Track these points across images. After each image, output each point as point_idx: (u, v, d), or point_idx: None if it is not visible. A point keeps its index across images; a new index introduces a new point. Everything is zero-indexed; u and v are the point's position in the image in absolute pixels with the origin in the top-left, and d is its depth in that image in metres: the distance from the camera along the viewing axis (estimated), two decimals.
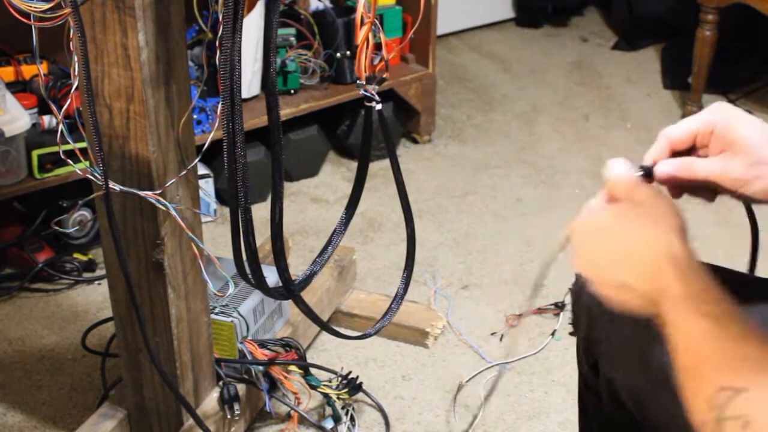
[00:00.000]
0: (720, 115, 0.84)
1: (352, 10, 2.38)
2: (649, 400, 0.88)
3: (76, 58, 1.10)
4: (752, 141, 0.81)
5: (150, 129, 1.15)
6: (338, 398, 1.57)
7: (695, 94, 2.70)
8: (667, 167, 0.83)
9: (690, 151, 0.86)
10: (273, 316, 1.64)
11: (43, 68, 1.99)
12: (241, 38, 1.04)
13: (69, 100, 1.11)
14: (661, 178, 0.84)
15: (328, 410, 1.59)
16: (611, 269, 0.73)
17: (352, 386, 1.57)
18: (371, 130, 1.21)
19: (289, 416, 1.57)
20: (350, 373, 1.60)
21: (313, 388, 1.56)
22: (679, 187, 0.85)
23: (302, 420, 1.58)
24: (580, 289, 0.99)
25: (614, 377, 0.95)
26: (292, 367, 1.54)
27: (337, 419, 1.58)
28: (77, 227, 2.04)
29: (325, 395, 1.58)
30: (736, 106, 0.86)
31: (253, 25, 2.08)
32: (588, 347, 0.99)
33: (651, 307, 0.70)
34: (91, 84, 1.09)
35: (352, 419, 1.59)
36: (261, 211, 2.08)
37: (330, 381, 1.59)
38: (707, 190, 0.85)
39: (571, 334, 0.93)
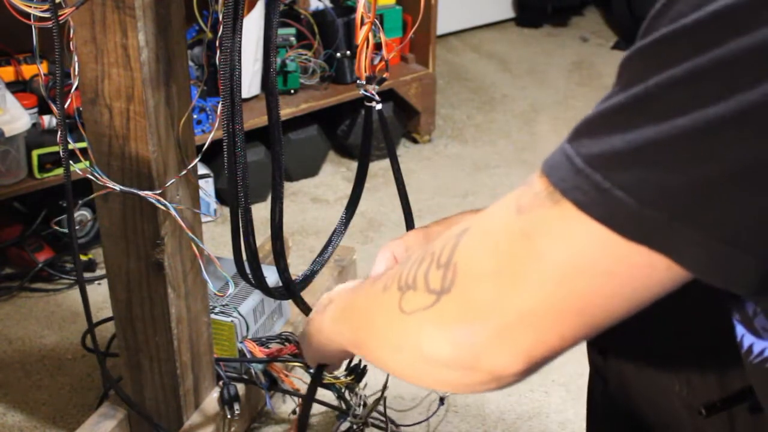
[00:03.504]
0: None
1: (352, 10, 2.38)
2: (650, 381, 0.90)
3: (76, 58, 1.10)
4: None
5: (150, 129, 1.15)
6: (345, 387, 1.56)
7: None
8: None
9: None
10: (273, 316, 1.64)
11: (43, 68, 1.98)
12: (241, 38, 1.04)
13: (69, 100, 1.11)
14: None
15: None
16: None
17: (358, 372, 1.56)
18: (371, 130, 1.21)
19: (294, 412, 1.57)
20: (352, 359, 1.58)
21: None
22: None
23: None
24: None
25: (622, 362, 0.96)
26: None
27: (348, 407, 1.57)
28: (77, 227, 2.04)
29: (332, 386, 1.56)
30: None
31: (253, 25, 2.08)
32: (596, 337, 1.00)
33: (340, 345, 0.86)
34: (62, 73, 1.09)
35: (364, 405, 1.58)
36: (261, 211, 2.08)
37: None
38: None
39: None
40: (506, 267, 0.57)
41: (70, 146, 1.11)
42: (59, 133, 1.11)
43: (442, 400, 1.62)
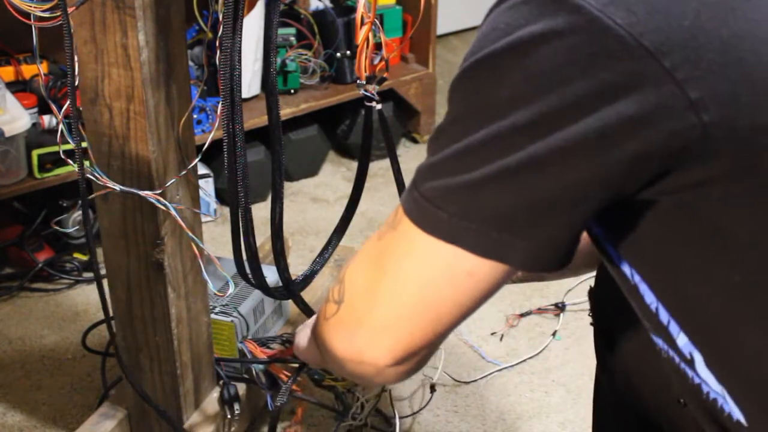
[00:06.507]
0: None
1: (352, 9, 2.38)
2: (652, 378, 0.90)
3: (76, 58, 1.10)
4: None
5: (150, 129, 1.15)
6: (345, 388, 1.56)
7: None
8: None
9: None
10: (273, 315, 1.65)
11: (43, 68, 1.98)
12: (241, 38, 1.04)
13: (69, 100, 1.11)
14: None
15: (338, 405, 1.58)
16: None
17: None
18: (371, 130, 1.21)
19: (293, 412, 1.57)
20: None
21: (317, 383, 1.55)
22: None
23: (304, 419, 1.58)
24: (600, 281, 1.00)
25: (627, 354, 0.96)
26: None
27: (347, 409, 1.57)
28: (77, 227, 2.04)
29: (332, 388, 1.56)
30: None
31: (253, 25, 2.08)
32: (605, 333, 1.01)
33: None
34: (75, 74, 1.09)
35: (362, 406, 1.58)
36: (261, 211, 2.08)
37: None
38: None
39: (591, 324, 1.01)
40: (370, 284, 0.73)
41: (70, 146, 1.11)
42: (59, 132, 1.11)
43: (432, 387, 1.63)
